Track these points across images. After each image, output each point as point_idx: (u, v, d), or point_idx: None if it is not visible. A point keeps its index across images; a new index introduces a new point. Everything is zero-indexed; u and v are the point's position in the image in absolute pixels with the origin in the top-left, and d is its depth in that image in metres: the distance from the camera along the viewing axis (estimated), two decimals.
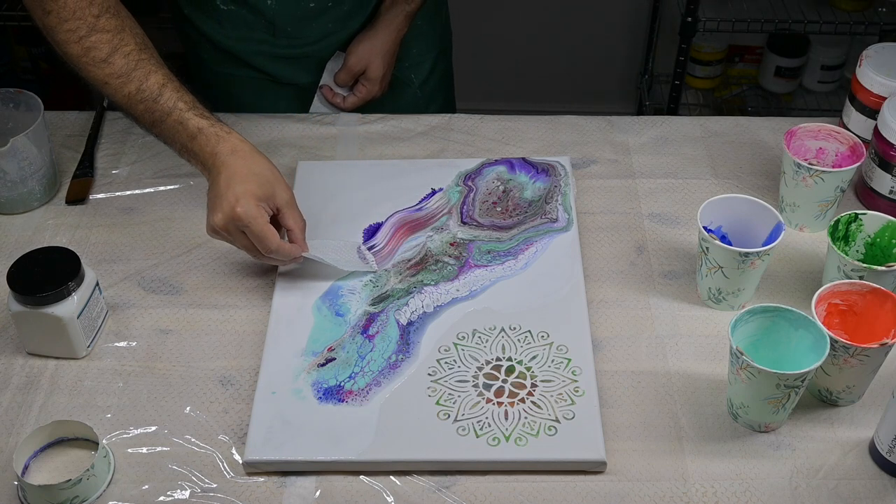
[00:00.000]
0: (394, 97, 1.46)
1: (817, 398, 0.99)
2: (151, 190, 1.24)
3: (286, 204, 1.05)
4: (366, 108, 1.40)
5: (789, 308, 0.94)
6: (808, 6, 2.15)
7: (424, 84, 1.50)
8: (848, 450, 0.95)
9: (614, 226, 1.18)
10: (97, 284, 1.04)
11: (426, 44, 1.48)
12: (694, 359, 1.03)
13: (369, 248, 1.12)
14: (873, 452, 0.94)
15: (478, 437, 0.94)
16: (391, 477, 0.93)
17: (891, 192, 1.16)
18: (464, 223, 1.16)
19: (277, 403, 0.97)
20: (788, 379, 0.89)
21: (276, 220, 1.06)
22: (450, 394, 0.97)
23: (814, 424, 0.97)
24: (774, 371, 0.88)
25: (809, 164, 1.12)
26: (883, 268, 0.99)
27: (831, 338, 0.91)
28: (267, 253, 1.03)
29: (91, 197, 1.23)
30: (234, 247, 1.06)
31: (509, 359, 1.01)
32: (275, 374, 1.00)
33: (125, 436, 0.97)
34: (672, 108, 2.17)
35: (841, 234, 1.06)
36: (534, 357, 1.01)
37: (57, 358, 1.04)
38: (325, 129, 1.33)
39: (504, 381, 0.99)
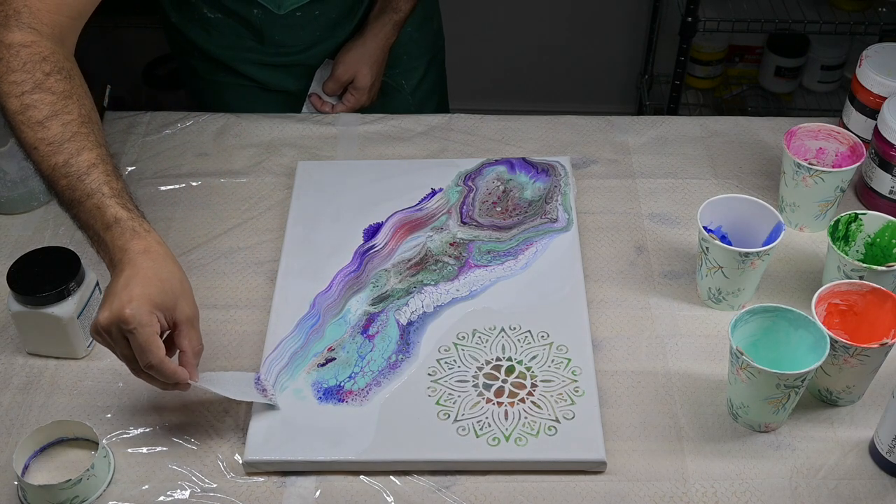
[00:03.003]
0: (385, 104, 1.45)
1: (817, 398, 0.99)
2: (151, 190, 1.24)
3: (186, 321, 0.92)
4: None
5: (789, 308, 0.94)
6: (808, 6, 2.15)
7: (416, 90, 1.50)
8: (848, 450, 0.95)
9: (614, 226, 1.18)
10: (97, 284, 1.04)
11: (417, 50, 1.47)
12: (694, 359, 1.03)
13: (369, 249, 1.12)
14: (873, 452, 0.93)
15: (478, 437, 0.94)
16: (391, 477, 0.93)
17: (891, 192, 1.16)
18: (463, 223, 1.16)
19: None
20: (788, 379, 0.89)
21: (172, 340, 0.93)
22: (450, 394, 0.97)
23: (814, 424, 0.97)
24: (774, 371, 0.88)
25: (809, 164, 1.12)
26: (883, 268, 0.99)
27: (831, 338, 0.91)
28: (146, 367, 0.88)
29: None
30: (115, 356, 0.92)
31: (509, 359, 1.01)
32: (275, 375, 1.00)
33: (125, 436, 0.97)
34: (672, 108, 2.17)
35: (841, 234, 1.06)
36: (534, 357, 1.01)
37: (57, 358, 1.04)
38: (325, 129, 1.33)
39: (504, 381, 0.99)
